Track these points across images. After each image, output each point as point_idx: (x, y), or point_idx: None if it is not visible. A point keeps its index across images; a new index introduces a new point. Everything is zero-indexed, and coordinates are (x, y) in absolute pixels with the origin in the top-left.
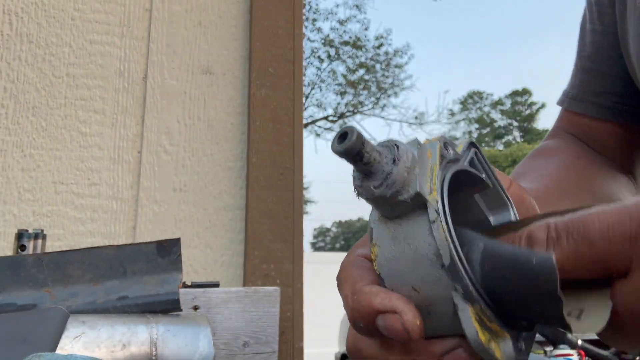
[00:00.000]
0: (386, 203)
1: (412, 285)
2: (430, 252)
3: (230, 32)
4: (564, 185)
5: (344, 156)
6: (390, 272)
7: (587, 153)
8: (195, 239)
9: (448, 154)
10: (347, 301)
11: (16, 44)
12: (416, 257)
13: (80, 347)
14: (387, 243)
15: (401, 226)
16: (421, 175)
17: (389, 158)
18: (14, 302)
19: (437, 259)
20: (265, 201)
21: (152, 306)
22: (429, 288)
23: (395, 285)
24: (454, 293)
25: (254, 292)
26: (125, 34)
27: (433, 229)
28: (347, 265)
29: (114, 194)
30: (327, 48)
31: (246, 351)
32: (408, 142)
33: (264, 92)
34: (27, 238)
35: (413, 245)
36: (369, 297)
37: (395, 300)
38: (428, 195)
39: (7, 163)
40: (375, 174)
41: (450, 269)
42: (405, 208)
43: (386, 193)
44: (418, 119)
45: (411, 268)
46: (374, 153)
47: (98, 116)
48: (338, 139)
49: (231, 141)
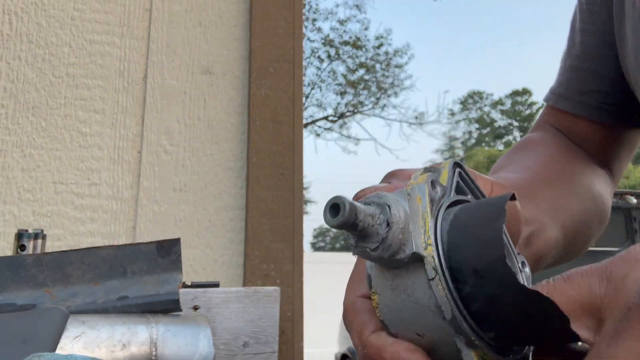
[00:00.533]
0: (384, 262)
1: (416, 331)
2: (431, 304)
3: (230, 32)
4: (546, 177)
5: (338, 229)
6: (393, 319)
7: (569, 147)
8: (195, 239)
9: (436, 193)
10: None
11: (16, 44)
12: (418, 308)
13: (80, 347)
14: (387, 292)
15: (400, 277)
16: (415, 231)
17: (382, 220)
18: (14, 302)
19: (439, 312)
20: (265, 201)
21: (152, 306)
22: (432, 334)
23: (399, 331)
24: (456, 340)
25: (254, 292)
26: (125, 34)
27: (432, 286)
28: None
29: (114, 194)
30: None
31: (246, 351)
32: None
33: (264, 92)
34: (27, 238)
35: (414, 296)
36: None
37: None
38: (424, 250)
39: (7, 163)
40: (371, 236)
41: (452, 322)
42: (404, 263)
43: (384, 255)
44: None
45: (414, 317)
46: (368, 219)
47: (98, 116)
48: (330, 211)
49: (231, 141)
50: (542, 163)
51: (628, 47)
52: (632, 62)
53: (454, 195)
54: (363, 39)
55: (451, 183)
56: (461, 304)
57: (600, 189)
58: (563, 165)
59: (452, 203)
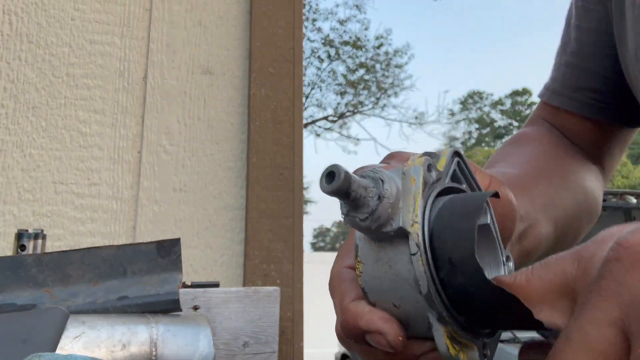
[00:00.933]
0: (371, 233)
1: (393, 302)
2: (410, 278)
3: (230, 32)
4: (540, 173)
5: (332, 195)
6: (373, 288)
7: (562, 143)
8: (195, 239)
9: (431, 177)
10: (337, 316)
11: (16, 44)
12: (397, 280)
13: (80, 347)
14: (371, 262)
15: (385, 250)
16: (404, 207)
17: (374, 193)
18: (14, 302)
19: (416, 285)
20: (265, 201)
21: (152, 306)
22: (408, 306)
23: (377, 300)
24: (429, 314)
25: (254, 292)
26: (125, 34)
27: (413, 261)
28: (334, 276)
29: (114, 194)
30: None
31: (246, 351)
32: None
33: (264, 92)
34: (27, 238)
35: (395, 269)
36: (355, 317)
37: (378, 321)
38: (410, 227)
39: (7, 163)
40: (362, 207)
41: (427, 297)
42: (390, 237)
43: (371, 226)
44: (418, 119)
45: (392, 288)
46: (360, 190)
47: (98, 116)
48: (325, 178)
49: (231, 141)
50: (536, 158)
51: (628, 45)
52: (633, 59)
53: (449, 182)
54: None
55: (448, 170)
56: (438, 282)
57: (591, 185)
58: (556, 160)
59: (445, 189)
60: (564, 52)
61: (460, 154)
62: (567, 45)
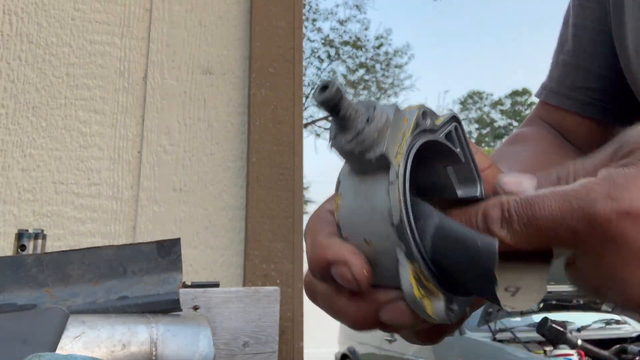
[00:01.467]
0: (354, 159)
1: (365, 237)
2: (384, 209)
3: (230, 32)
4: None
5: (322, 106)
6: (347, 222)
7: (559, 142)
8: (195, 239)
9: (424, 123)
10: (307, 252)
11: (16, 44)
12: (372, 213)
13: (80, 347)
14: (349, 195)
15: (365, 182)
16: (391, 138)
17: (364, 116)
18: (14, 302)
19: (389, 217)
20: (265, 201)
21: (152, 306)
22: (378, 242)
23: (349, 235)
24: (398, 250)
25: (254, 292)
26: (125, 34)
27: (390, 190)
28: (312, 217)
29: (114, 194)
30: (327, 48)
31: (246, 351)
32: (388, 105)
33: (264, 92)
34: (27, 238)
35: (372, 201)
36: (324, 249)
37: (346, 253)
38: (393, 158)
39: (7, 163)
40: (349, 129)
41: (397, 228)
42: (371, 166)
43: (355, 149)
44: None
45: (366, 222)
46: (351, 109)
47: (98, 116)
48: (320, 89)
49: (231, 141)
50: (533, 158)
51: (628, 42)
52: (633, 56)
53: (442, 138)
54: (363, 39)
55: (444, 128)
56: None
57: None
58: (552, 159)
59: (436, 142)
60: (561, 51)
61: (460, 121)
62: (564, 44)
